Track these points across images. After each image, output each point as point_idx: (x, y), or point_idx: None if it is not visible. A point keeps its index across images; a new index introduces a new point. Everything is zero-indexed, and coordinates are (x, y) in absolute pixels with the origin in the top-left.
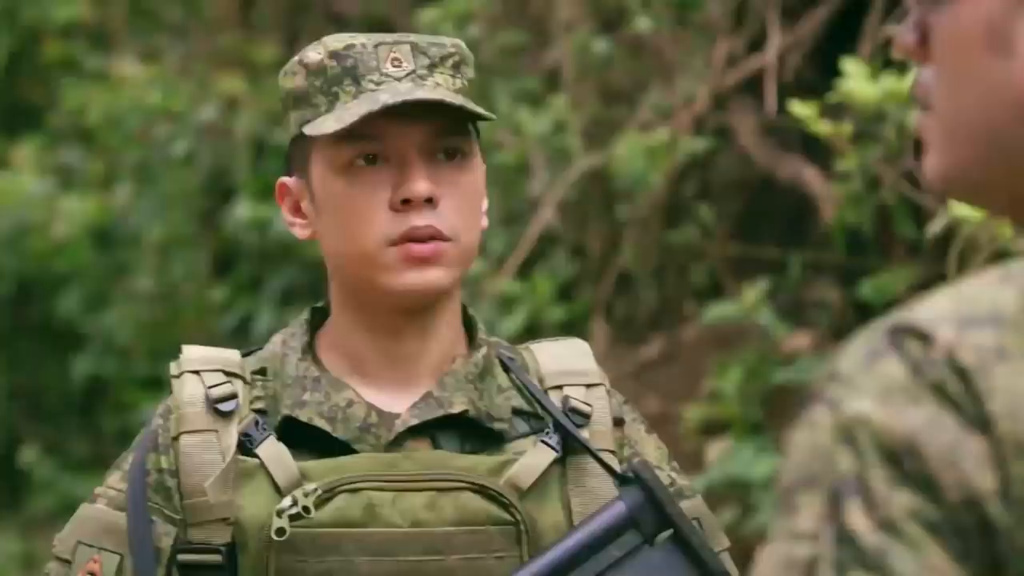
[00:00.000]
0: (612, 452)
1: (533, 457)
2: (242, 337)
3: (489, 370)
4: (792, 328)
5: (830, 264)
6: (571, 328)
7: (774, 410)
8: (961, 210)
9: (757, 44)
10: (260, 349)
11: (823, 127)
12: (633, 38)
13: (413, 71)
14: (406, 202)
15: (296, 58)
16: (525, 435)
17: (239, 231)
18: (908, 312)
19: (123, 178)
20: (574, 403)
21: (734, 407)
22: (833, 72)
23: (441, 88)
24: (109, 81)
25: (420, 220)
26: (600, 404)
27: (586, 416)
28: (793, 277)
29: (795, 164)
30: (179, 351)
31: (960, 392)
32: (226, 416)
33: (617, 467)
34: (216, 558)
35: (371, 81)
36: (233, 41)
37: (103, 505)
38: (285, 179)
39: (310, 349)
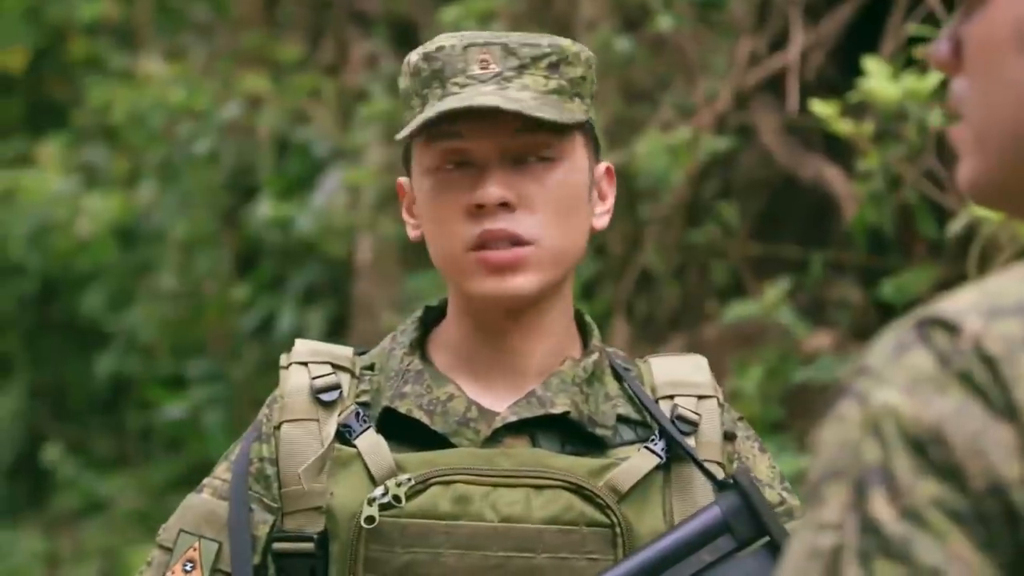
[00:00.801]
0: (719, 464)
1: (635, 461)
2: (264, 336)
3: (599, 376)
4: (813, 327)
5: (851, 263)
6: None
7: (795, 409)
8: (982, 210)
9: (779, 43)
10: (375, 348)
11: (844, 126)
12: (655, 37)
13: (499, 73)
14: (480, 207)
15: (407, 58)
16: (630, 442)
17: (262, 229)
18: (935, 305)
19: (147, 176)
20: (682, 411)
21: (755, 406)
22: (855, 71)
23: (528, 91)
24: (134, 79)
25: (493, 224)
26: (711, 416)
27: (693, 424)
28: (814, 276)
29: (817, 163)
30: (204, 349)
31: (987, 381)
32: (328, 406)
33: (720, 477)
34: (308, 546)
35: (455, 84)
36: (257, 39)
37: (207, 495)
38: (401, 179)
39: (419, 345)
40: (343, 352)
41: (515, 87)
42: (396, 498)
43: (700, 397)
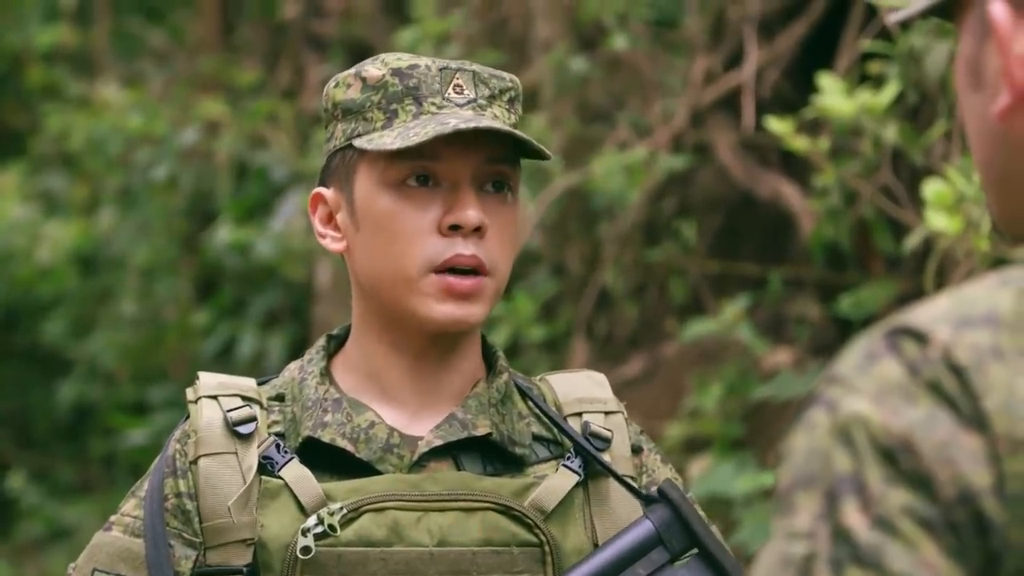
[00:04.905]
0: (632, 478)
1: (556, 480)
2: (226, 360)
3: (509, 396)
4: (772, 344)
5: (809, 279)
6: (552, 346)
7: (755, 426)
8: (937, 223)
9: (735, 61)
10: (275, 377)
11: (800, 143)
12: (611, 56)
13: (474, 99)
14: (455, 228)
15: (352, 71)
16: (545, 460)
17: (221, 254)
18: (906, 315)
19: (106, 202)
20: (594, 428)
21: (715, 424)
22: (810, 88)
23: (498, 120)
24: (91, 106)
25: (466, 249)
26: (619, 431)
27: (606, 441)
28: (773, 293)
29: (774, 180)
30: (165, 375)
31: (956, 390)
32: (245, 439)
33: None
34: None
35: (433, 104)
36: (214, 64)
37: (118, 532)
38: (321, 189)
39: (328, 373)
40: (247, 383)
41: (488, 115)
42: (331, 527)
43: (607, 413)
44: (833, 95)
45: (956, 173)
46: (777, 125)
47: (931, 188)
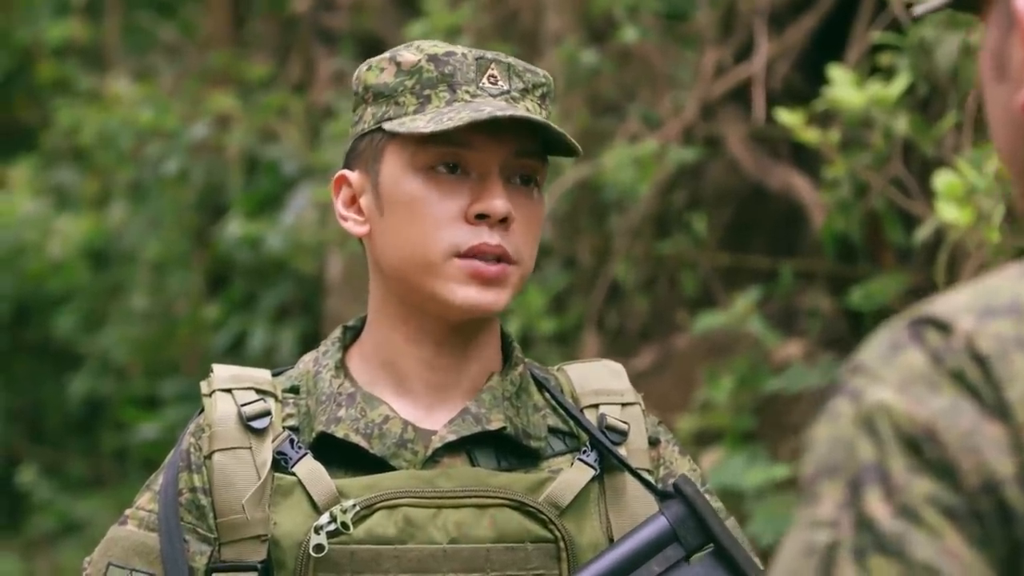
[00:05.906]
0: (648, 471)
1: (572, 475)
2: (237, 354)
3: (525, 388)
4: (783, 336)
5: (820, 272)
6: (563, 339)
7: (766, 419)
8: (948, 215)
9: (745, 53)
10: (290, 368)
11: (811, 135)
12: (621, 49)
13: (507, 91)
14: (482, 216)
15: (387, 55)
16: (561, 453)
17: (232, 248)
18: (929, 305)
19: (117, 197)
20: (611, 421)
21: (726, 416)
22: (821, 79)
23: (530, 114)
24: (102, 100)
25: (492, 238)
26: (636, 423)
27: (623, 434)
28: (784, 285)
29: (784, 172)
30: (177, 369)
31: (979, 379)
32: (259, 433)
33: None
34: None
35: (467, 92)
36: (224, 58)
37: (133, 526)
38: (345, 172)
39: (343, 366)
40: (262, 376)
41: (521, 108)
42: (344, 525)
43: (624, 404)
44: (843, 87)
45: (967, 165)
46: (787, 117)
47: (942, 180)
